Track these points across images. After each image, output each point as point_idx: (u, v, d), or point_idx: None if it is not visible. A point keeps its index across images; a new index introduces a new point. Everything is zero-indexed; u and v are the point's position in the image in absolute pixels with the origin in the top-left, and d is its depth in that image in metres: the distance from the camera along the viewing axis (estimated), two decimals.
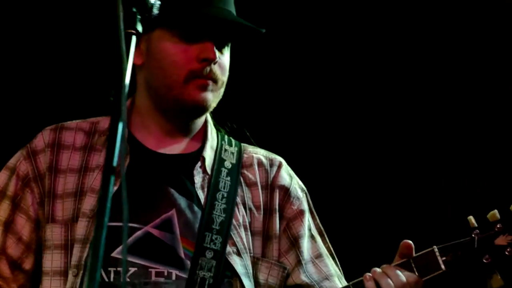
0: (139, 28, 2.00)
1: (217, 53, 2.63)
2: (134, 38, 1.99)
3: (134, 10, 2.00)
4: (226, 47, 2.68)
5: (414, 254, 2.51)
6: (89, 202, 2.63)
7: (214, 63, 2.62)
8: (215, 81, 2.64)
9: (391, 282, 2.47)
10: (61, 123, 2.79)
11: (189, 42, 2.62)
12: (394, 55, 4.09)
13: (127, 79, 1.95)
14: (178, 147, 2.74)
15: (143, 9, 2.02)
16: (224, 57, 2.67)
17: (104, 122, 2.77)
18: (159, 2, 2.05)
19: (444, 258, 2.46)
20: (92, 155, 2.71)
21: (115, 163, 1.97)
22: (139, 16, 2.00)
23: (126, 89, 1.95)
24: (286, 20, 4.08)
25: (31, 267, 2.70)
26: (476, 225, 2.46)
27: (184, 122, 2.73)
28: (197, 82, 2.62)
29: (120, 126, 1.96)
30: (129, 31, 1.99)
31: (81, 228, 2.61)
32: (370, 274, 2.51)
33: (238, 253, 2.65)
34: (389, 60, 4.10)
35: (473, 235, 2.45)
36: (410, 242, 2.52)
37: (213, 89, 2.64)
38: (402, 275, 2.48)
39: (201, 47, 2.61)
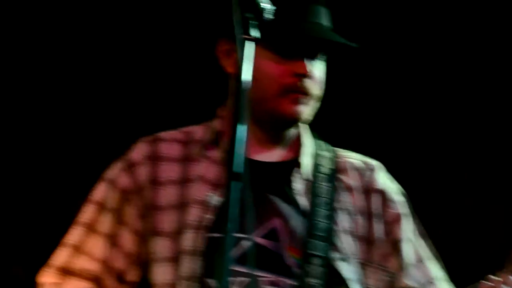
0: (254, 33, 2.03)
1: (310, 67, 2.64)
2: (251, 44, 2.02)
3: (248, 15, 2.03)
4: (320, 61, 2.69)
5: None
6: (193, 214, 2.63)
7: (306, 78, 2.64)
8: (307, 94, 2.66)
9: None
10: (156, 134, 2.78)
11: (282, 57, 2.64)
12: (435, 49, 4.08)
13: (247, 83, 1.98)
14: (274, 155, 2.74)
15: (256, 14, 2.04)
16: (318, 71, 2.68)
17: (199, 132, 2.77)
18: (271, 7, 2.07)
19: None
20: (191, 166, 2.71)
21: (235, 169, 2.00)
22: (254, 22, 2.03)
23: (246, 91, 1.98)
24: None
25: (136, 280, 2.69)
26: None
27: (278, 132, 2.74)
28: (290, 97, 2.64)
29: (241, 129, 1.99)
30: (245, 37, 2.01)
31: (188, 239, 2.61)
32: (488, 283, 2.46)
33: (344, 259, 2.64)
34: (418, 55, 4.09)
35: None
36: None
37: (305, 102, 2.66)
38: None
39: (293, 62, 2.64)
